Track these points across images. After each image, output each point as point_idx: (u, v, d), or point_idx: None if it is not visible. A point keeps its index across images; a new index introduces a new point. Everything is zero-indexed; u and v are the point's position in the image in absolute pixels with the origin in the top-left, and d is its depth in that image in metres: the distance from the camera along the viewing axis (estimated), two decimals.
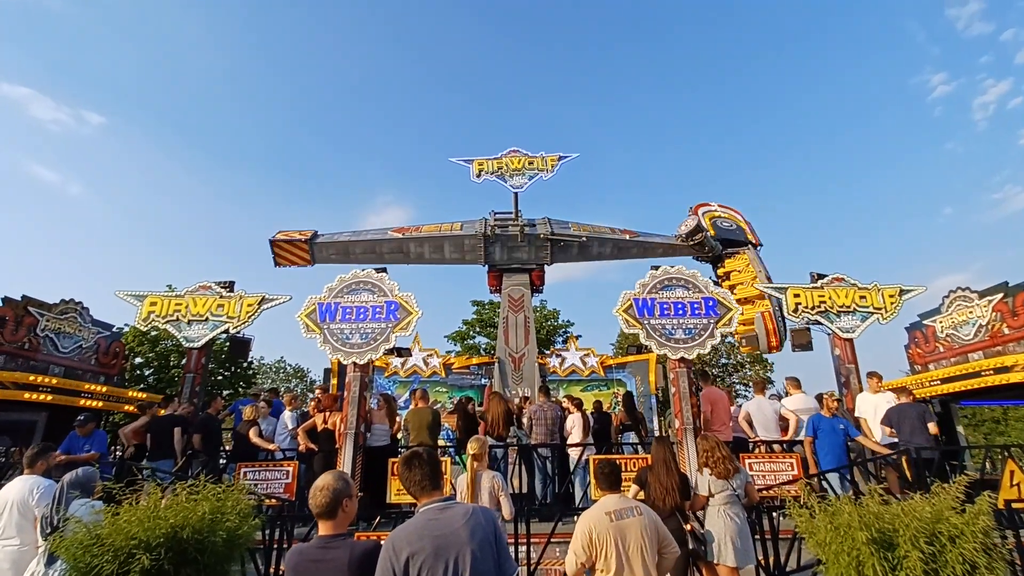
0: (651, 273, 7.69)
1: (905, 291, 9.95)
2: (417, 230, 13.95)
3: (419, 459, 2.46)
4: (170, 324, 9.76)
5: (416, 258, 14.01)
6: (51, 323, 9.63)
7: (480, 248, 13.76)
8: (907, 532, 3.23)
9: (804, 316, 9.74)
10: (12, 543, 4.12)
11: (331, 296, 7.65)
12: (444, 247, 13.86)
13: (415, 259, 14.04)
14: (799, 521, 3.87)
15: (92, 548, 3.28)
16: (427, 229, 13.90)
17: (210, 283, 10.14)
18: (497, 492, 4.47)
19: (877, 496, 3.60)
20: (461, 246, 13.87)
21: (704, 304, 7.46)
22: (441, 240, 13.71)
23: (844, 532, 3.41)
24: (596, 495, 6.28)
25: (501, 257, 14.01)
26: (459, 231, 13.73)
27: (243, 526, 3.79)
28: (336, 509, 2.32)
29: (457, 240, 13.74)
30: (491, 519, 2.36)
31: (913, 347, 11.57)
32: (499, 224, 13.83)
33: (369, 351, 7.35)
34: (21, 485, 4.27)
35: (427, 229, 13.90)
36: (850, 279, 9.96)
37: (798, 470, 6.96)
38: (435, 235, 13.70)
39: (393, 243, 13.67)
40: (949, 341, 10.54)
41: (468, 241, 13.71)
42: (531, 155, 14.24)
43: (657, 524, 3.36)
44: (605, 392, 15.74)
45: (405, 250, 13.78)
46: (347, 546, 2.28)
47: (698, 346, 7.26)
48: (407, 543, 2.15)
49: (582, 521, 3.32)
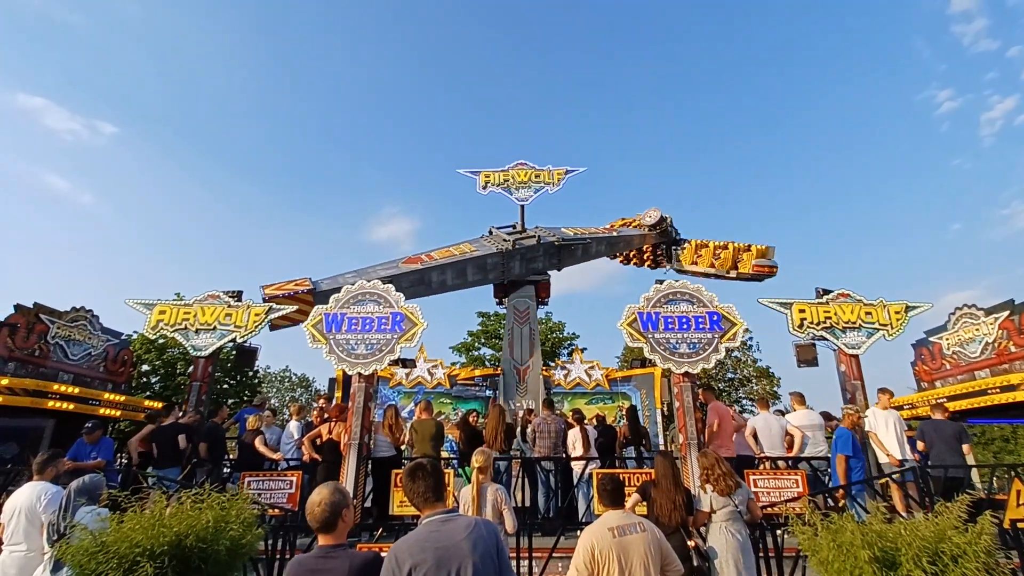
0: (655, 287, 7.72)
1: (911, 307, 9.91)
2: (430, 257, 12.91)
3: (423, 470, 2.48)
4: (178, 333, 9.86)
5: (439, 287, 12.97)
6: (61, 330, 9.75)
7: (500, 266, 13.29)
8: (910, 551, 3.21)
9: (809, 332, 9.71)
10: (19, 549, 4.17)
11: (337, 307, 7.72)
12: (467, 270, 13.08)
13: (438, 288, 12.98)
14: (802, 539, 3.85)
15: (97, 555, 3.30)
16: (439, 254, 13.08)
17: (218, 292, 10.25)
18: (500, 505, 4.48)
19: (880, 514, 3.59)
20: (484, 266, 13.26)
21: (708, 318, 7.47)
22: (464, 264, 12.89)
23: (847, 550, 3.39)
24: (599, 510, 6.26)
25: (520, 271, 13.74)
26: (476, 252, 13.07)
27: (246, 535, 3.80)
28: (336, 522, 2.35)
29: (479, 261, 13.08)
30: (493, 532, 2.38)
31: (919, 364, 11.49)
32: (518, 238, 13.53)
33: (374, 362, 7.40)
34: (29, 491, 4.31)
35: (439, 254, 13.08)
36: (856, 295, 9.93)
37: (803, 487, 6.91)
38: (456, 259, 12.85)
39: (414, 275, 12.26)
40: (956, 358, 10.46)
41: (491, 260, 13.18)
42: (538, 168, 14.34)
43: (661, 541, 3.33)
44: (610, 405, 15.67)
45: (427, 280, 12.57)
46: (347, 556, 2.30)
47: (702, 360, 7.26)
48: (409, 554, 2.17)
49: (584, 536, 3.30)
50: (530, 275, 14.08)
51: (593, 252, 14.99)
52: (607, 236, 14.97)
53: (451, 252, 13.17)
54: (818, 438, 7.96)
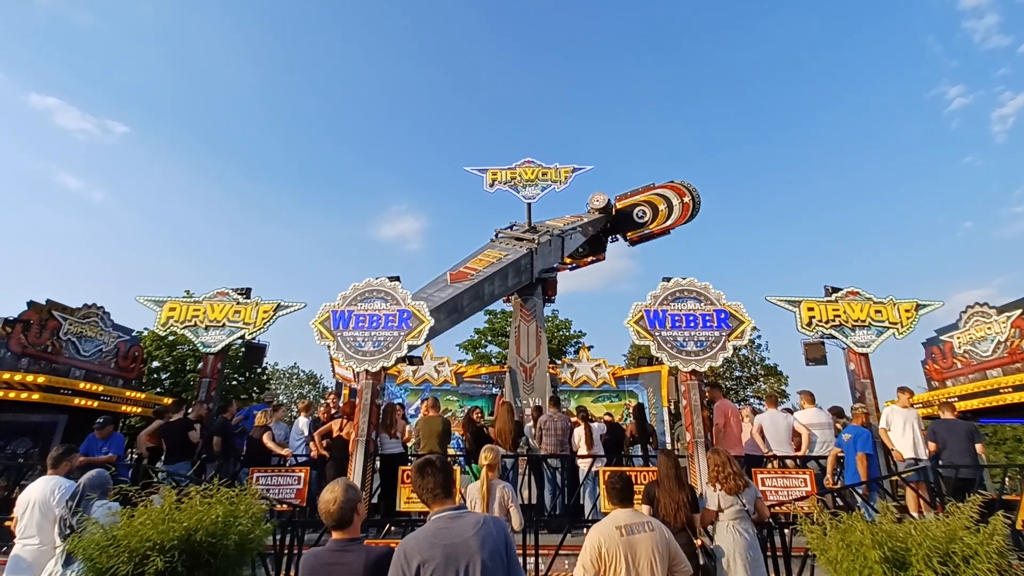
0: (662, 284, 7.69)
1: (922, 306, 9.79)
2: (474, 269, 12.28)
3: (432, 467, 2.48)
4: (188, 329, 9.93)
5: (489, 298, 12.61)
6: (73, 327, 9.85)
7: (530, 267, 13.13)
8: (920, 551, 3.19)
9: (818, 330, 9.62)
10: (32, 542, 4.22)
11: (345, 304, 7.75)
12: (508, 276, 12.76)
13: (488, 299, 12.60)
14: (811, 538, 3.83)
15: (108, 549, 3.34)
16: (476, 263, 12.56)
17: (227, 289, 10.30)
18: (507, 502, 4.48)
19: (890, 514, 3.56)
20: (519, 269, 12.99)
21: (716, 316, 7.43)
22: (506, 270, 12.52)
23: (856, 550, 3.37)
24: (606, 508, 6.26)
25: (541, 268, 13.66)
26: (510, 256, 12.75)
27: (255, 530, 3.84)
28: (352, 517, 2.36)
29: (516, 265, 12.79)
30: (502, 529, 2.39)
31: (930, 363, 11.38)
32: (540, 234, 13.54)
33: (382, 359, 7.42)
34: (43, 485, 4.36)
35: (476, 263, 12.56)
36: (865, 293, 9.84)
37: (811, 486, 6.86)
38: (498, 267, 12.42)
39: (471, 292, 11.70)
40: (967, 357, 10.35)
41: (523, 261, 12.97)
42: (545, 166, 14.29)
43: (669, 540, 3.31)
44: (617, 404, 15.65)
45: (481, 295, 12.08)
46: (362, 550, 2.31)
47: (710, 359, 7.23)
48: (418, 551, 2.18)
49: (591, 534, 3.29)
50: (550, 271, 14.06)
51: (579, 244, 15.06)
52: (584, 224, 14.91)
53: (487, 260, 12.74)
54: (827, 436, 7.90)
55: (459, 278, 11.79)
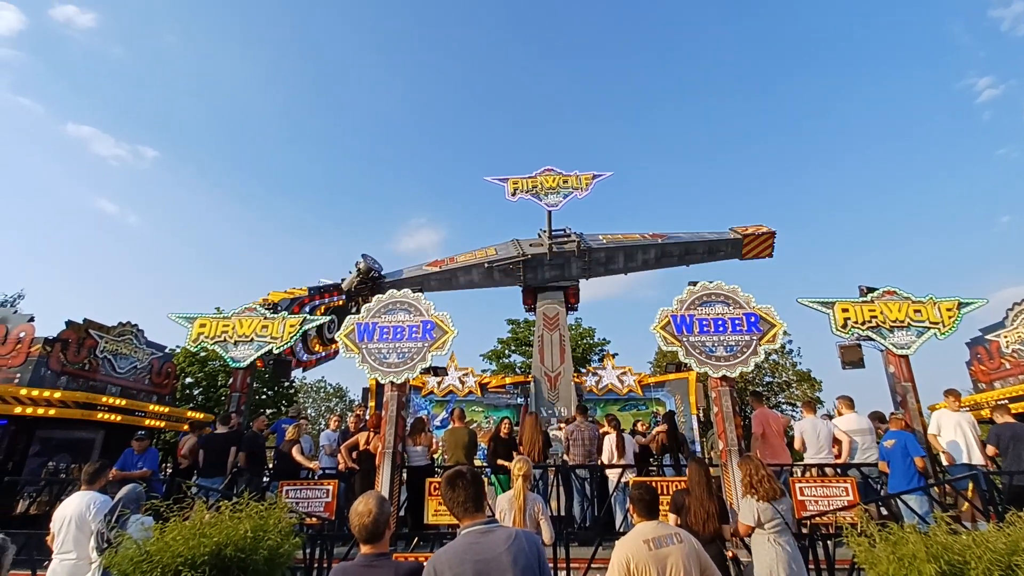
0: (689, 289, 7.53)
1: (964, 304, 9.36)
2: (452, 260, 13.89)
3: (463, 479, 2.42)
4: (218, 345, 10.12)
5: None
6: (109, 345, 10.14)
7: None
8: (980, 565, 2.97)
9: (854, 332, 9.28)
10: (69, 557, 4.29)
11: (369, 316, 7.79)
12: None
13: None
14: (858, 551, 3.63)
15: (142, 564, 3.36)
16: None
17: (255, 305, 10.49)
18: (537, 515, 4.39)
19: (945, 524, 3.35)
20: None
21: (746, 320, 7.23)
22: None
23: (909, 563, 3.17)
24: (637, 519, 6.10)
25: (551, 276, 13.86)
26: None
27: (284, 544, 3.82)
28: (383, 531, 2.31)
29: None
30: (534, 544, 2.31)
31: (976, 364, 10.87)
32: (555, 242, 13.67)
33: (406, 370, 7.42)
34: (79, 500, 4.44)
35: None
36: (903, 292, 9.46)
37: (853, 495, 6.57)
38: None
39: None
40: (1016, 357, 9.86)
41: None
42: (565, 173, 14.23)
43: (699, 552, 3.17)
44: (644, 412, 15.35)
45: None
46: (392, 565, 2.26)
47: (740, 364, 7.02)
48: (448, 567, 2.12)
49: (618, 550, 3.15)
50: (565, 281, 14.03)
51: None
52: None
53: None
54: (868, 443, 7.58)
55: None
